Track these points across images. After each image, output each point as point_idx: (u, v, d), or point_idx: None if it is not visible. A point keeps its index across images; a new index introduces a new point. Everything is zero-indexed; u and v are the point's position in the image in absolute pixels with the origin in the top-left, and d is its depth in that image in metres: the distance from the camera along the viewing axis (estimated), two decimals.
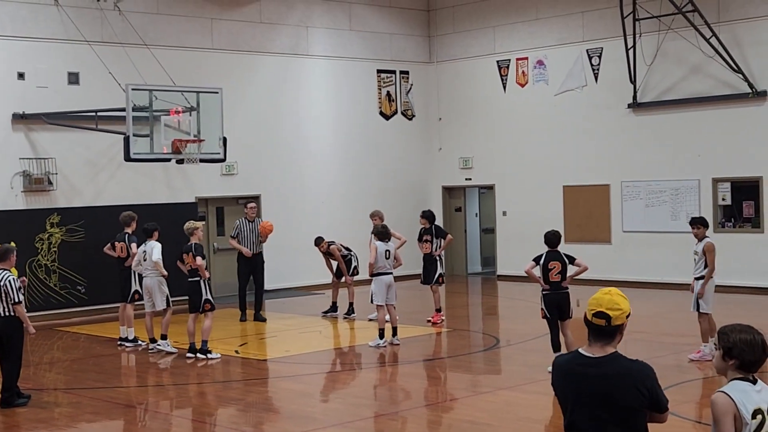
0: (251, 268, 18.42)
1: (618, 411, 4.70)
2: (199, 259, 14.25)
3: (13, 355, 11.63)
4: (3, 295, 11.44)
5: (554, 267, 12.61)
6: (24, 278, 12.58)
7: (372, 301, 15.30)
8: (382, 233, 15.45)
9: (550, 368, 10.55)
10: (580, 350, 4.88)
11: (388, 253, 15.26)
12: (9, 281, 11.45)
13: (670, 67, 21.06)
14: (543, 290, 12.71)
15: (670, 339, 14.51)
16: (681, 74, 20.98)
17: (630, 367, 4.75)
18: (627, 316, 4.82)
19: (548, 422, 10.67)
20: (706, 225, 13.51)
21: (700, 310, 13.23)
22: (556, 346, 12.56)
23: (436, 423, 10.96)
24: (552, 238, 12.82)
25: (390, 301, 15.24)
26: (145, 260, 15.19)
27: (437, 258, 17.38)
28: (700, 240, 13.35)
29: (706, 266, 13.23)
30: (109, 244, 16.10)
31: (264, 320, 18.18)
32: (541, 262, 12.68)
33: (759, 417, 4.74)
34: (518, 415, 10.78)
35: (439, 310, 17.37)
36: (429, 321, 17.24)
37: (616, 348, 4.83)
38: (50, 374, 14.10)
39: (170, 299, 15.26)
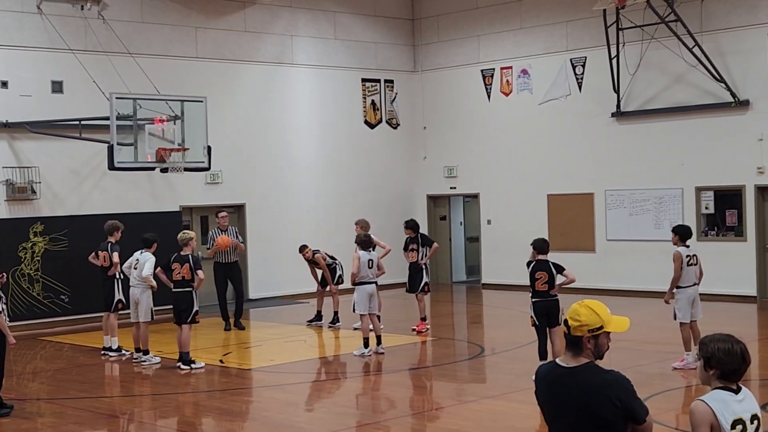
0: (228, 276, 18.38)
1: (592, 421, 4.66)
2: (200, 272, 14.22)
3: None
4: None
5: (541, 277, 12.68)
6: (3, 274, 12.45)
7: (354, 311, 15.29)
8: (364, 242, 15.45)
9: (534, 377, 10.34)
10: (557, 360, 4.89)
11: (371, 262, 15.25)
12: None
13: (654, 77, 21.16)
14: (532, 298, 12.76)
15: (654, 347, 14.54)
16: (664, 83, 21.07)
17: (603, 378, 4.72)
18: (592, 330, 4.74)
19: (534, 431, 10.67)
20: (676, 233, 13.51)
21: (676, 320, 13.33)
22: (542, 354, 12.61)
23: None
24: (541, 245, 12.90)
25: (372, 311, 15.22)
26: (135, 268, 15.10)
27: (423, 267, 17.39)
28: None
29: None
30: (93, 253, 16.03)
31: (243, 328, 18.15)
32: (529, 270, 12.75)
33: (739, 427, 4.72)
34: (504, 424, 10.78)
35: (424, 319, 17.38)
36: (414, 330, 17.24)
37: (592, 359, 4.79)
38: (33, 384, 14.03)
39: (154, 312, 15.19)
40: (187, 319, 14.32)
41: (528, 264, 12.90)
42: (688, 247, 13.47)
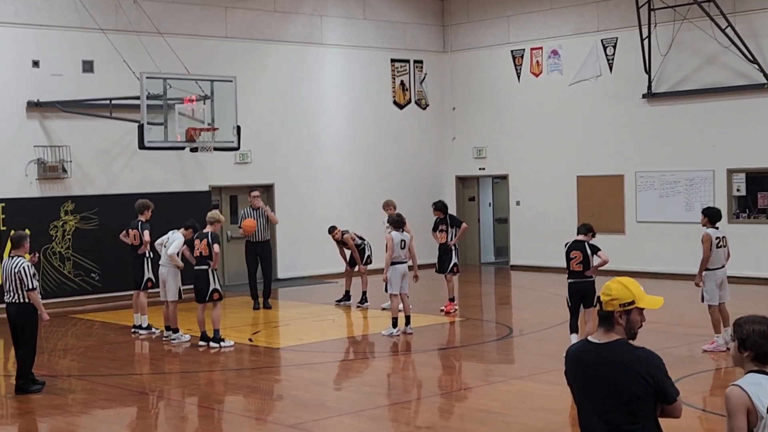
0: (258, 255, 18.45)
1: (622, 398, 4.64)
2: (216, 246, 14.26)
3: (27, 342, 11.68)
4: (17, 281, 11.48)
5: (575, 257, 12.85)
6: (36, 253, 12.51)
7: (386, 290, 15.31)
8: (396, 222, 15.45)
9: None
10: (588, 337, 4.86)
11: (403, 242, 15.26)
12: (23, 268, 11.48)
13: (685, 58, 20.96)
14: (568, 279, 12.90)
15: (683, 330, 14.46)
16: (696, 64, 20.87)
17: (634, 355, 4.69)
18: (623, 305, 4.72)
19: (563, 412, 10.66)
20: (705, 215, 13.49)
21: (704, 302, 13.28)
22: (573, 328, 12.81)
23: (449, 412, 10.96)
24: (581, 228, 13.21)
25: (403, 290, 15.24)
26: (165, 246, 15.21)
27: (452, 247, 17.37)
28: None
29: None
30: (123, 232, 16.13)
31: (269, 308, 18.22)
32: (565, 250, 12.95)
33: None
34: (532, 405, 10.77)
35: (452, 300, 17.37)
36: (442, 310, 17.24)
37: (624, 336, 4.75)
38: (64, 361, 14.16)
39: (182, 291, 15.26)
40: (204, 298, 14.36)
41: (566, 245, 13.07)
42: (717, 229, 13.39)
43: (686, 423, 9.94)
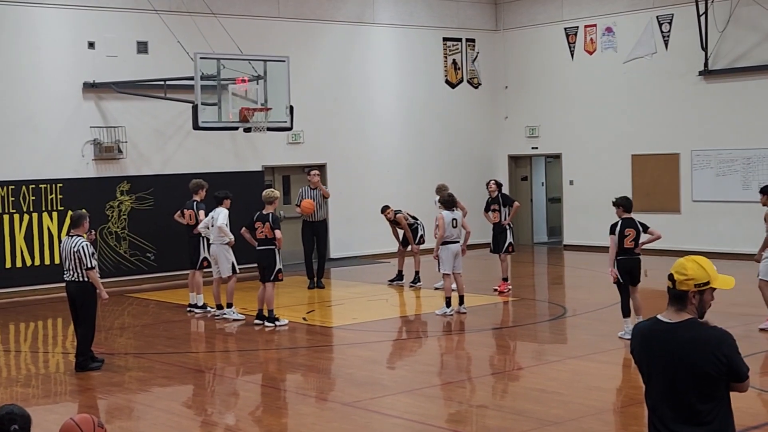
0: (314, 234, 18.51)
1: (694, 378, 4.57)
2: (278, 232, 14.34)
3: (87, 320, 11.85)
4: (77, 260, 11.63)
5: (629, 234, 12.76)
6: (93, 231, 12.63)
7: (438, 270, 15.30)
8: (448, 202, 15.41)
9: (621, 333, 10.38)
10: (658, 316, 4.77)
11: (455, 221, 15.22)
12: (82, 247, 11.62)
13: (743, 34, 20.63)
14: (617, 256, 12.77)
15: (740, 309, 14.25)
16: (754, 41, 20.54)
17: (707, 334, 4.61)
18: (698, 285, 4.64)
19: (618, 391, 10.60)
20: (765, 193, 13.35)
21: (760, 277, 13.15)
22: (625, 311, 12.73)
23: (504, 391, 10.94)
24: (627, 204, 12.99)
25: (456, 270, 15.21)
26: (212, 226, 15.30)
27: (507, 226, 17.30)
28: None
29: None
30: (178, 212, 16.27)
31: (322, 287, 18.30)
32: (617, 229, 12.79)
33: None
34: (588, 385, 10.71)
35: (506, 279, 17.31)
36: (496, 290, 17.19)
37: (695, 315, 4.69)
38: (121, 339, 14.34)
39: (236, 266, 15.35)
40: (270, 277, 14.47)
41: (613, 226, 12.86)
42: None
43: (745, 403, 9.86)
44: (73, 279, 11.74)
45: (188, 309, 16.14)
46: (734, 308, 14.30)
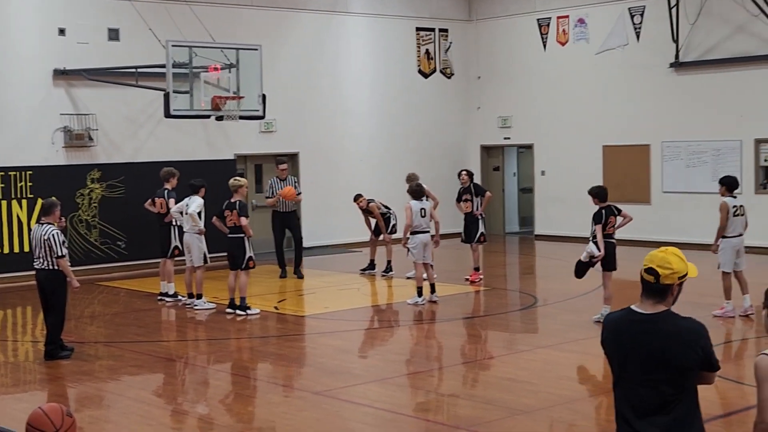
0: (285, 225, 18.49)
1: (670, 369, 4.60)
2: (243, 219, 14.32)
3: (57, 309, 11.78)
4: (47, 248, 11.56)
5: (612, 221, 13.35)
6: (63, 218, 12.52)
7: (408, 256, 15.30)
8: (416, 191, 15.45)
9: (595, 317, 10.32)
10: (632, 307, 4.76)
11: (423, 211, 15.26)
12: (53, 235, 11.55)
13: (714, 26, 20.76)
14: (594, 239, 13.28)
15: (709, 300, 14.37)
16: (725, 33, 20.67)
17: (684, 325, 4.63)
18: (680, 277, 4.67)
19: (588, 381, 10.67)
20: (723, 184, 13.71)
21: (719, 269, 13.55)
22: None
23: (475, 380, 10.99)
24: (603, 193, 13.53)
25: (427, 260, 15.24)
26: (185, 213, 15.25)
27: (479, 217, 17.34)
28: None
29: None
30: (149, 200, 16.20)
31: (301, 277, 18.27)
32: (602, 219, 13.25)
33: None
34: (558, 374, 10.77)
35: (477, 269, 17.37)
36: (467, 279, 17.25)
37: (670, 306, 4.71)
38: (91, 328, 14.27)
39: (207, 256, 15.30)
40: (240, 265, 14.45)
41: (595, 216, 13.25)
42: (735, 197, 13.63)
43: (712, 393, 9.96)
44: (43, 267, 11.67)
45: (159, 298, 16.08)
46: (703, 299, 14.41)
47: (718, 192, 13.82)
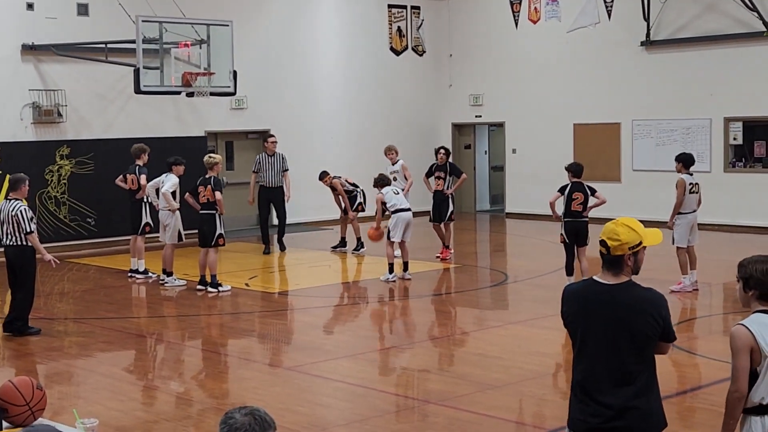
0: (271, 200, 18.65)
1: (632, 338, 4.63)
2: (218, 193, 14.29)
3: (26, 285, 11.68)
4: (15, 224, 11.47)
5: (577, 197, 13.44)
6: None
7: (388, 237, 15.26)
8: (380, 181, 15.56)
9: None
10: (594, 277, 4.79)
11: (395, 190, 15.31)
12: (21, 211, 11.45)
13: (685, 5, 20.83)
14: (564, 217, 13.47)
15: (677, 276, 14.49)
16: (695, 12, 20.75)
17: (644, 296, 4.68)
18: (632, 248, 4.67)
19: (558, 356, 10.74)
20: (680, 161, 13.96)
21: (674, 244, 13.76)
22: (569, 270, 13.55)
23: (446, 356, 11.03)
24: (577, 169, 13.71)
25: (405, 238, 15.26)
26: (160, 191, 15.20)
27: (449, 195, 17.33)
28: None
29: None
30: (120, 176, 16.09)
31: (284, 249, 18.49)
32: (566, 192, 13.44)
33: None
34: (528, 350, 10.83)
35: (447, 247, 17.40)
36: (438, 257, 17.28)
37: (630, 276, 4.74)
38: (61, 304, 14.20)
39: (183, 233, 15.24)
40: (211, 242, 14.42)
41: (561, 189, 13.52)
42: (691, 174, 13.89)
43: (674, 368, 10.07)
44: (11, 243, 11.58)
45: (129, 274, 16.01)
46: (672, 275, 14.53)
47: (675, 168, 14.07)
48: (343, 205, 18.53)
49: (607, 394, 4.67)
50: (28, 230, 11.46)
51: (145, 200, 15.67)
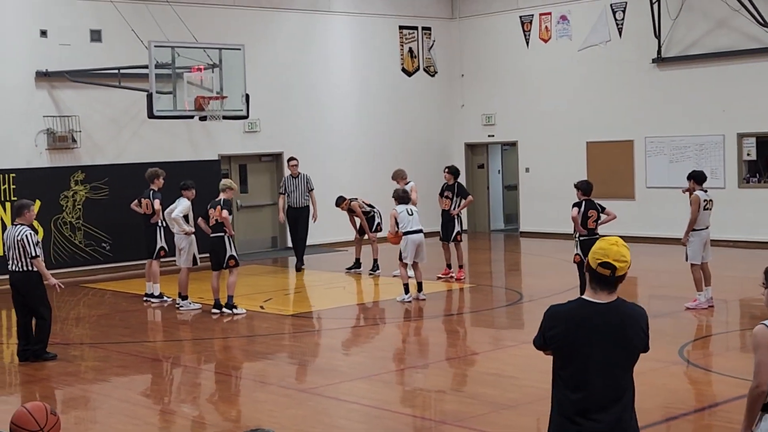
0: (297, 218, 19.12)
1: (627, 355, 4.72)
2: (225, 212, 14.29)
3: (40, 309, 11.68)
4: (20, 249, 11.49)
5: (592, 215, 13.62)
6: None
7: (401, 259, 15.25)
8: (402, 197, 15.48)
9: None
10: (585, 297, 4.79)
11: (410, 210, 15.27)
12: (26, 236, 11.47)
13: (696, 21, 20.84)
14: (580, 236, 13.57)
15: (692, 294, 14.43)
16: (706, 28, 20.76)
17: (634, 311, 4.78)
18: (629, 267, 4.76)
19: None
20: (692, 178, 14.05)
21: (687, 261, 13.78)
22: (584, 289, 13.03)
23: (461, 376, 11.01)
24: (587, 187, 13.86)
25: (418, 260, 15.24)
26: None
27: (456, 216, 17.30)
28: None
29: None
30: (135, 201, 16.16)
31: (301, 269, 18.77)
32: (581, 209, 13.57)
33: None
34: (543, 369, 10.65)
35: (461, 267, 17.33)
36: (452, 277, 17.23)
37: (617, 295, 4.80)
38: (77, 329, 14.23)
39: (198, 257, 15.27)
40: (222, 264, 14.44)
41: (575, 204, 13.65)
42: (705, 191, 13.88)
43: (673, 378, 10.03)
44: (16, 269, 11.60)
45: (144, 299, 16.05)
46: (689, 293, 14.45)
47: (688, 186, 14.10)
48: (358, 226, 18.56)
49: (602, 412, 4.69)
50: (33, 254, 11.48)
51: (159, 224, 15.72)
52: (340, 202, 18.46)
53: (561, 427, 4.79)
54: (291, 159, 19.20)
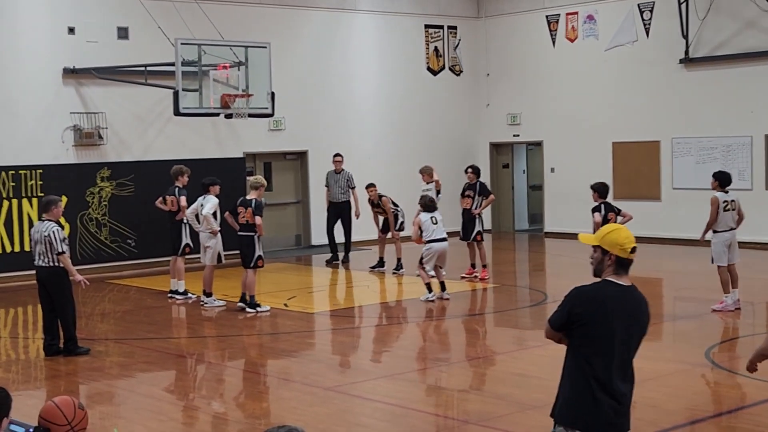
0: (339, 214, 19.70)
1: (641, 334, 5.19)
2: (258, 218, 14.31)
3: (64, 305, 11.73)
4: (47, 245, 11.55)
5: (611, 218, 13.72)
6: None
7: (421, 263, 15.22)
8: (428, 206, 15.40)
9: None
10: (609, 279, 5.17)
11: (434, 219, 15.18)
12: (53, 231, 11.53)
13: (724, 22, 20.71)
14: None
15: (719, 296, 14.34)
16: (734, 29, 20.62)
17: (643, 296, 5.25)
18: None
19: None
20: (716, 179, 13.90)
21: (713, 263, 13.72)
22: None
23: (485, 375, 10.99)
24: (605, 190, 14.18)
25: (439, 263, 15.22)
26: (200, 215, 15.25)
27: (477, 215, 17.27)
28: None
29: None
30: (160, 198, 16.21)
31: (346, 261, 19.54)
32: (602, 212, 13.85)
33: None
34: None
35: (484, 266, 17.31)
36: (476, 277, 17.21)
37: None
38: (102, 325, 14.29)
39: (222, 255, 15.26)
40: (249, 264, 14.47)
41: (595, 209, 13.80)
42: (726, 192, 13.77)
43: (699, 380, 9.96)
44: (43, 264, 11.66)
45: (169, 295, 16.10)
46: (714, 294, 14.37)
47: (711, 186, 14.04)
48: (381, 224, 18.56)
49: (620, 386, 5.07)
50: (60, 250, 11.53)
51: (184, 221, 15.75)
52: (369, 186, 18.63)
53: (586, 392, 5.08)
54: (336, 155, 19.90)
